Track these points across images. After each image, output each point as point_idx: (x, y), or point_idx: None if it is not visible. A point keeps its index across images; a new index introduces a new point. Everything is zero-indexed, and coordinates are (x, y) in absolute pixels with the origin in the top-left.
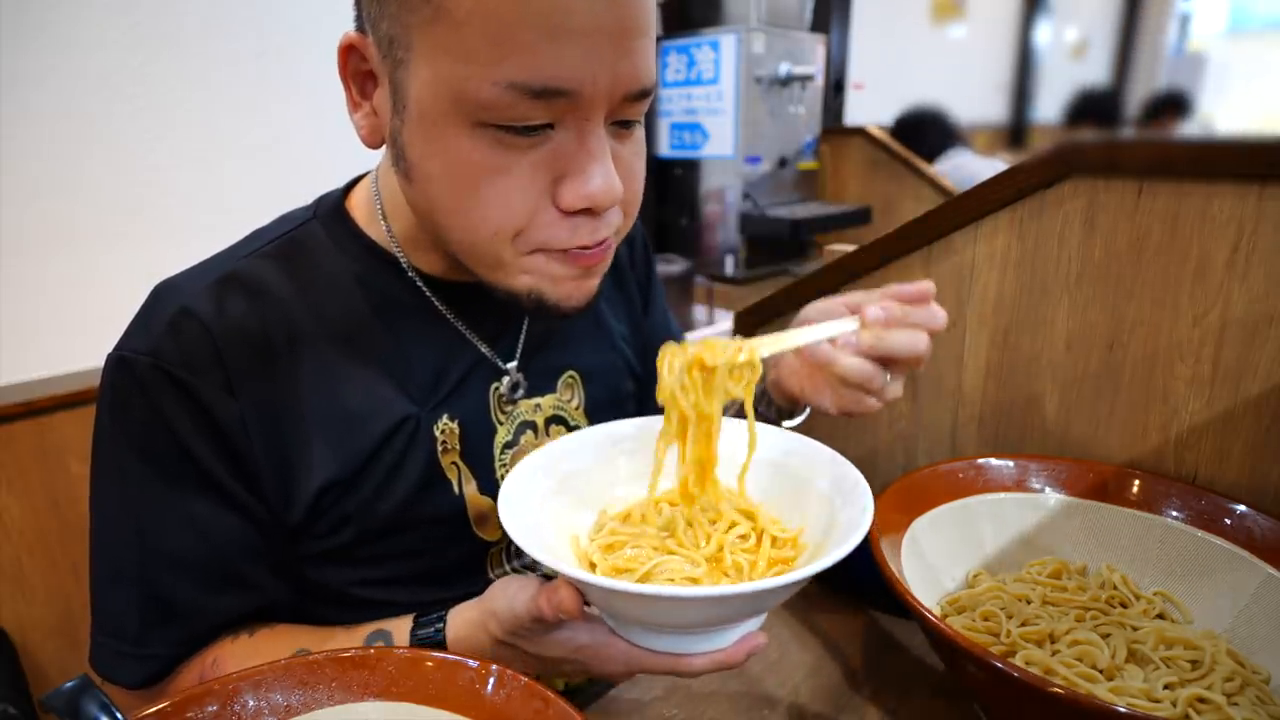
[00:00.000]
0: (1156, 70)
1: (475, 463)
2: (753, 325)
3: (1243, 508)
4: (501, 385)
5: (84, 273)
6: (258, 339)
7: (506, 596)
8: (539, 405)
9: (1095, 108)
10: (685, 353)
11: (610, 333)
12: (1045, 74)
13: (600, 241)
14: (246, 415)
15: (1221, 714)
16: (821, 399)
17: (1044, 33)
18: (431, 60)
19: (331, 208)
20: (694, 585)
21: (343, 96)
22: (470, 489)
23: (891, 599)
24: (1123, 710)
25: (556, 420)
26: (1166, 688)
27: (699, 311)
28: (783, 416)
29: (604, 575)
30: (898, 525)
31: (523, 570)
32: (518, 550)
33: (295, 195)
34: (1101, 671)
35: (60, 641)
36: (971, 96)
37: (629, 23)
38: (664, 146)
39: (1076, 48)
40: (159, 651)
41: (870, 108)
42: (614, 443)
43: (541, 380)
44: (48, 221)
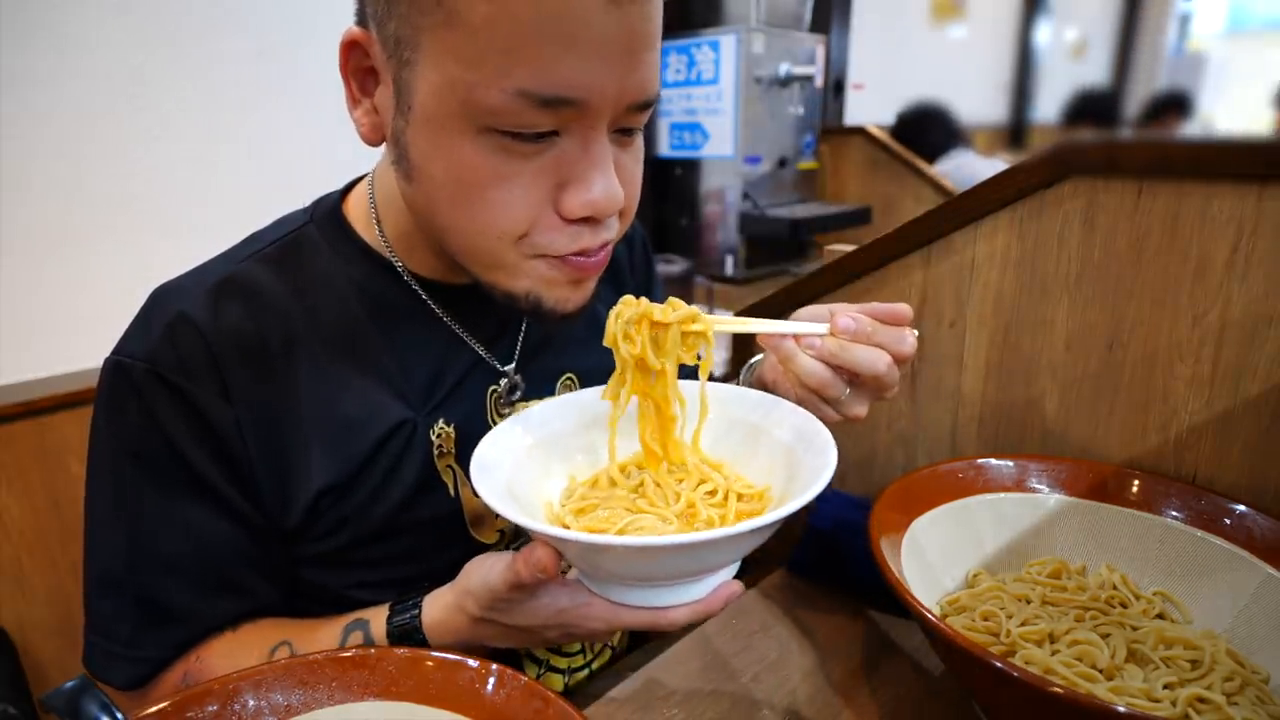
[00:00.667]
0: (1156, 70)
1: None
2: None
3: (1242, 508)
4: (499, 388)
5: (83, 273)
6: (254, 344)
7: (481, 572)
8: (544, 400)
9: (1095, 108)
10: (637, 306)
11: None
12: (1045, 74)
13: (601, 246)
14: (242, 420)
15: (1221, 714)
16: (786, 398)
17: (1044, 33)
18: (440, 63)
19: (328, 211)
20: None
21: (341, 97)
22: (466, 491)
23: (891, 599)
24: (1122, 710)
25: None
26: (1166, 688)
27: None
28: None
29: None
30: (898, 525)
31: None
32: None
33: (294, 195)
34: (1101, 671)
35: (60, 641)
36: (971, 96)
37: (640, 36)
38: (664, 146)
39: (1076, 48)
40: (150, 654)
41: (870, 108)
42: (581, 410)
43: (539, 383)
44: (47, 221)
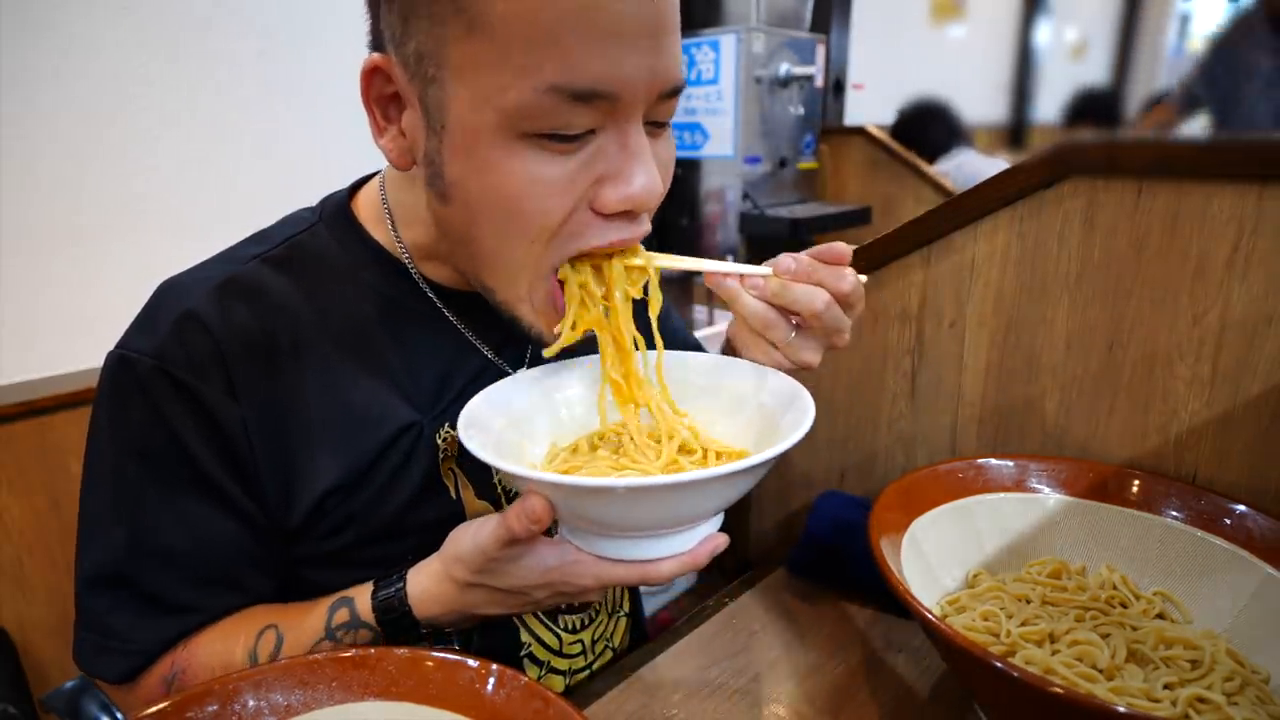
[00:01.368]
0: (1156, 70)
1: (472, 468)
2: None
3: (1242, 508)
4: None
5: (85, 272)
6: (261, 344)
7: (469, 536)
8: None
9: (1095, 108)
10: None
11: None
12: (1045, 74)
13: (636, 239)
14: (248, 419)
15: (1221, 714)
16: (748, 352)
17: (1044, 33)
18: (468, 76)
19: (337, 211)
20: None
21: (344, 96)
22: (468, 494)
23: (891, 599)
24: (1123, 710)
25: None
26: (1166, 687)
27: (699, 311)
28: None
29: None
30: (898, 525)
31: None
32: None
33: (296, 194)
34: (1101, 671)
35: (60, 641)
36: (971, 96)
37: (660, 19)
38: None
39: (1076, 48)
40: (144, 648)
41: (870, 108)
42: (558, 378)
43: None
44: (49, 221)
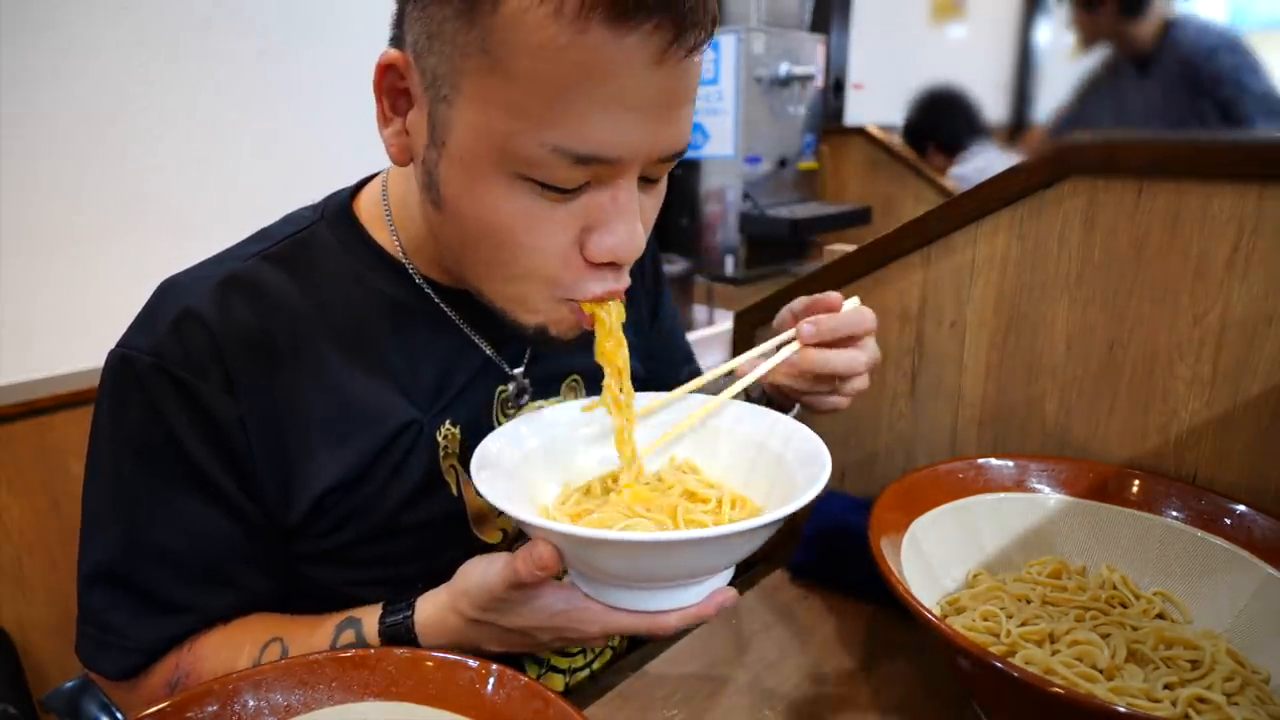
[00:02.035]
0: None
1: None
2: (752, 325)
3: (1242, 508)
4: (508, 390)
5: (85, 272)
6: (261, 342)
7: (477, 573)
8: (542, 409)
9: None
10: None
11: None
12: (1045, 74)
13: (622, 289)
14: (247, 417)
15: (1221, 714)
16: (808, 397)
17: (1044, 33)
18: (479, 107)
19: (338, 210)
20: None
21: (344, 95)
22: (469, 491)
23: (891, 599)
24: (1123, 710)
25: None
26: (1166, 688)
27: (699, 311)
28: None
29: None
30: (898, 525)
31: None
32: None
33: (296, 194)
34: (1101, 671)
35: (60, 641)
36: (971, 96)
37: (679, 95)
38: None
39: (1076, 48)
40: (142, 645)
41: (870, 108)
42: (586, 418)
43: (545, 384)
44: (49, 221)
